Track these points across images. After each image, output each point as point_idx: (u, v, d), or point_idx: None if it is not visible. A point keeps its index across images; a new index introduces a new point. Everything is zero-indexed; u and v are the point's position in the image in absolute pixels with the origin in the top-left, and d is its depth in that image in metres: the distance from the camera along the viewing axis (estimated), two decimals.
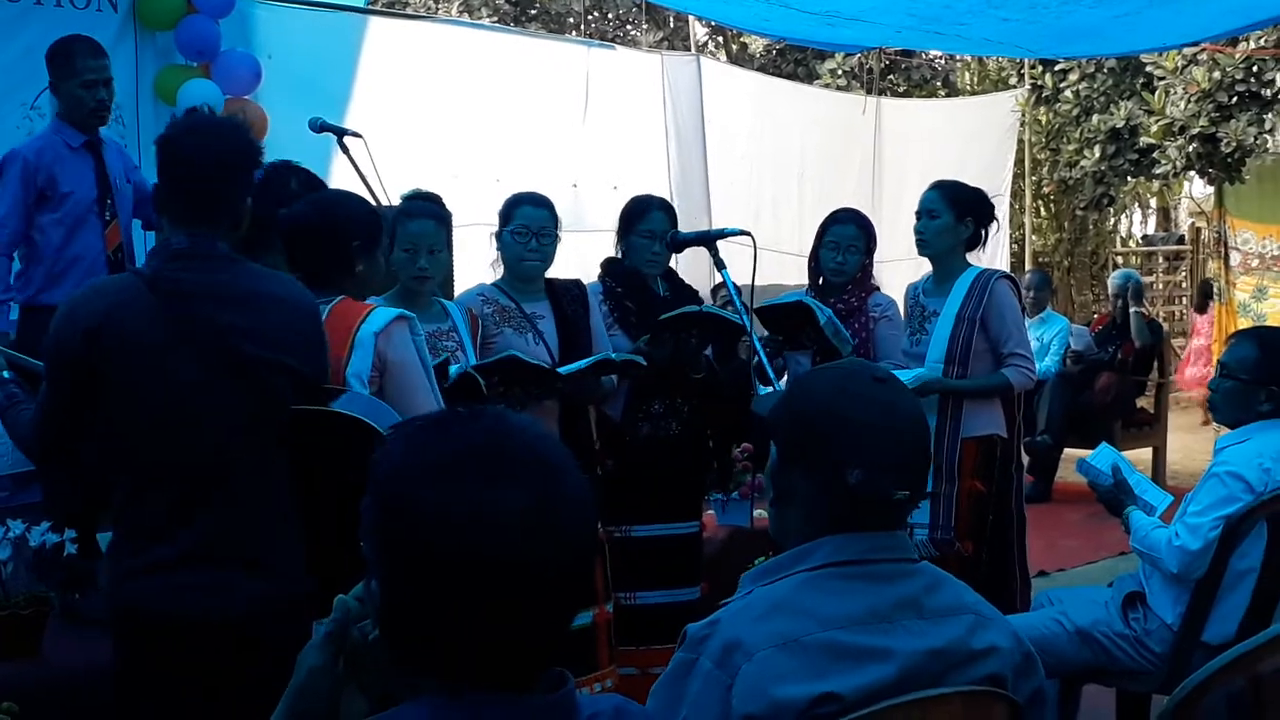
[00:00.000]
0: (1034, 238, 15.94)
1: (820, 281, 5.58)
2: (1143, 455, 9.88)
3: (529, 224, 4.93)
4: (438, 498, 1.51)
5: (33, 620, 4.94)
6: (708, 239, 4.85)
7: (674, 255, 5.36)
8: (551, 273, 5.11)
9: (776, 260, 5.66)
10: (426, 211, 4.66)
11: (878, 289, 5.66)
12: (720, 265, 4.68)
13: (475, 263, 7.86)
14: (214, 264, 3.17)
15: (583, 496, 1.57)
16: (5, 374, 3.45)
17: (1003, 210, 14.48)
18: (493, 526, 1.49)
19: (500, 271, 5.06)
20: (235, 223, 3.23)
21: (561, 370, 4.66)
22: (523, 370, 4.52)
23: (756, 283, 4.81)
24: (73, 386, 3.17)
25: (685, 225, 5.70)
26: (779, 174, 12.81)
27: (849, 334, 5.23)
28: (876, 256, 5.55)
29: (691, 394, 5.31)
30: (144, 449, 3.17)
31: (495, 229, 5.09)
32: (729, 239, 4.76)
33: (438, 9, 17.79)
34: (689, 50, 13.53)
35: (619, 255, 5.37)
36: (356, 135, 5.07)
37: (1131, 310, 10.25)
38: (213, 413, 3.14)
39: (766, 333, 5.25)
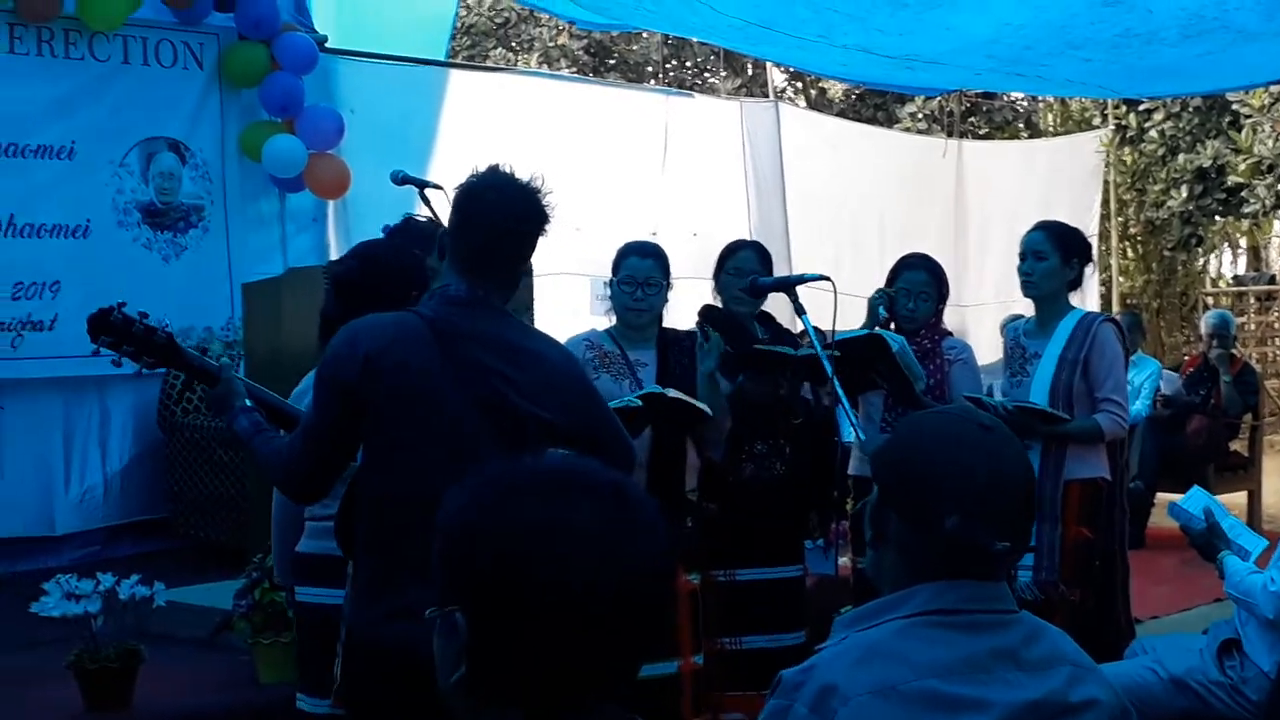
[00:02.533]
0: (1121, 279, 15.74)
1: (891, 328, 5.54)
2: (1237, 499, 9.67)
3: (634, 274, 4.96)
4: (510, 517, 1.52)
5: (123, 673, 5.01)
6: (788, 284, 4.83)
7: (762, 300, 5.36)
8: None
9: (858, 305, 5.61)
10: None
11: (950, 333, 5.61)
12: (800, 311, 4.65)
13: (557, 311, 7.91)
14: (489, 314, 3.24)
15: (656, 523, 1.57)
16: (247, 402, 3.47)
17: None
18: (565, 539, 1.50)
19: (614, 319, 5.10)
20: (513, 280, 3.32)
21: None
22: None
23: (839, 328, 4.78)
24: (344, 410, 3.18)
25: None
26: (859, 219, 12.78)
27: (922, 371, 5.18)
28: (963, 300, 5.50)
29: (794, 435, 5.30)
30: (409, 481, 3.14)
31: (575, 274, 5.13)
32: (809, 284, 4.74)
33: (517, 60, 17.95)
34: (767, 96, 13.55)
35: (715, 300, 5.40)
36: (437, 187, 5.10)
37: (1222, 380, 9.95)
38: (474, 454, 3.06)
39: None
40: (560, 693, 1.52)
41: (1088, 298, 13.85)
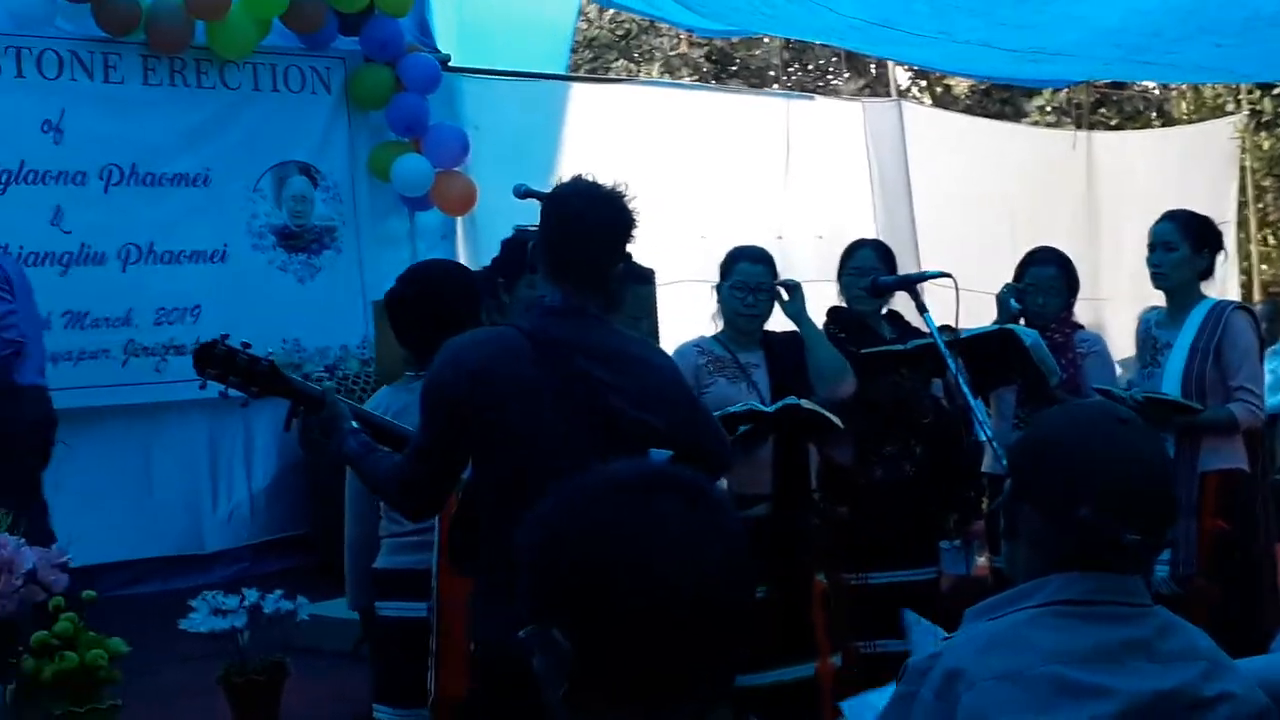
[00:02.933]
0: (1263, 267, 15.35)
1: (1021, 323, 5.47)
2: None
3: (746, 279, 4.95)
4: (592, 523, 1.55)
5: (269, 686, 5.11)
6: (909, 282, 4.79)
7: (887, 299, 5.32)
8: None
9: (988, 302, 5.54)
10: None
11: (1081, 326, 5.52)
12: (922, 309, 4.60)
13: (682, 319, 7.92)
14: (586, 322, 3.27)
15: (736, 526, 1.59)
16: (353, 424, 3.53)
17: (1229, 240, 14.00)
18: (647, 542, 1.51)
19: (721, 324, 5.09)
20: (605, 285, 3.33)
21: None
22: None
23: (970, 325, 4.73)
24: (452, 428, 3.22)
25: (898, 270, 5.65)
26: (988, 214, 12.62)
27: (1056, 365, 5.11)
28: (1098, 294, 5.41)
29: (923, 435, 5.25)
30: (520, 494, 3.16)
31: (700, 281, 5.13)
32: (934, 281, 4.70)
33: (639, 71, 18.04)
34: (891, 96, 13.45)
35: (840, 301, 5.40)
36: None
37: None
38: (583, 464, 3.10)
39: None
40: (658, 696, 1.53)
41: (1228, 286, 13.55)
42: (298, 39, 8.69)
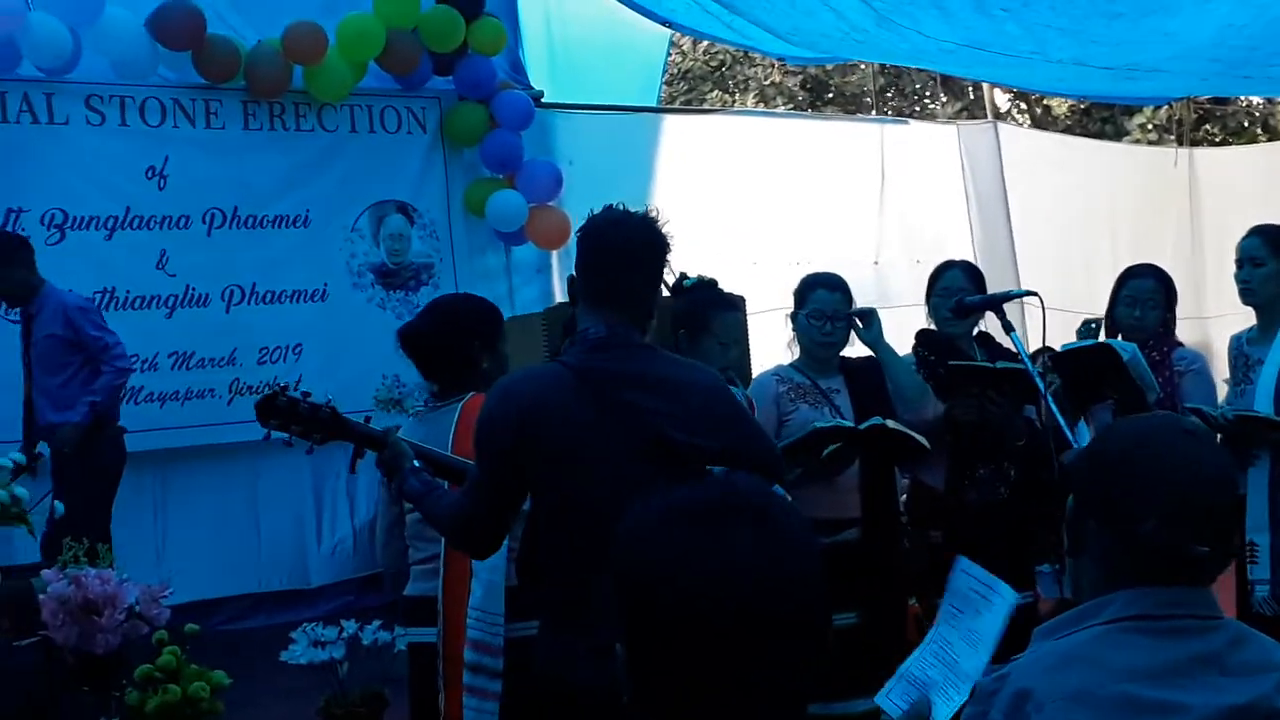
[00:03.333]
0: None
1: (1118, 339, 5.39)
2: None
3: (823, 308, 4.93)
4: (663, 541, 1.54)
5: (369, 718, 5.18)
6: (995, 302, 4.76)
7: (976, 320, 5.28)
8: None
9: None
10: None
11: (1180, 344, 5.43)
12: (1009, 328, 4.57)
13: (776, 346, 7.92)
14: (632, 352, 3.28)
15: (808, 545, 1.58)
16: (416, 463, 3.60)
17: None
18: (716, 560, 1.51)
19: (797, 352, 5.07)
20: (645, 311, 3.35)
21: None
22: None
23: (1071, 344, 4.66)
24: (505, 470, 3.26)
25: (992, 291, 5.59)
26: (1089, 234, 12.48)
27: (1154, 381, 5.03)
28: (1204, 312, 5.31)
29: (1017, 457, 5.19)
30: (573, 533, 3.20)
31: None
32: (1026, 302, 4.67)
33: (734, 101, 18.07)
34: (988, 118, 13.36)
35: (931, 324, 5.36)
36: None
37: None
38: (634, 495, 3.10)
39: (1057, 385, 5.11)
40: (713, 709, 1.54)
41: None
42: (393, 80, 8.81)
